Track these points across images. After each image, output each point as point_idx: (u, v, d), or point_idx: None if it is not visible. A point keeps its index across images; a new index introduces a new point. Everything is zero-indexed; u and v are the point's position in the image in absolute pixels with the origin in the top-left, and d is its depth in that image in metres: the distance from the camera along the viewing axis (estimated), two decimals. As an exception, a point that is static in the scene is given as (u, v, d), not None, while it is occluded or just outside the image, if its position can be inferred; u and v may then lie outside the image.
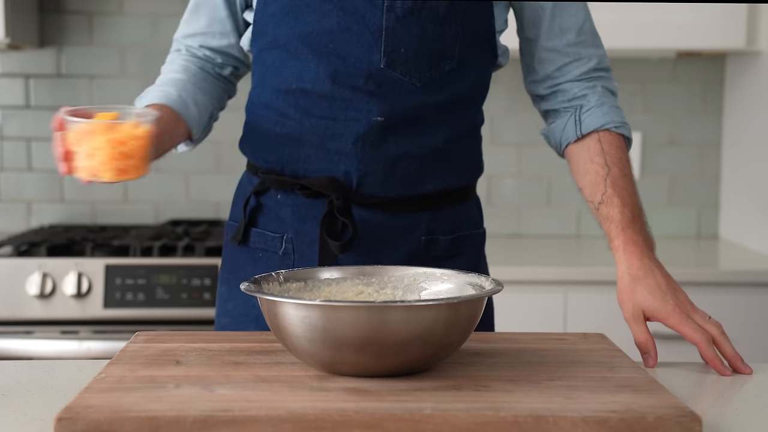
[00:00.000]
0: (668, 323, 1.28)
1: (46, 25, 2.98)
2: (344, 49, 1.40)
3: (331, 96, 1.42)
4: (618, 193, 1.40)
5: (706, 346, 1.25)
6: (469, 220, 1.54)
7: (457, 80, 1.45)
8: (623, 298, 1.33)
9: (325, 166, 1.44)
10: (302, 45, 1.42)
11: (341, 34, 1.40)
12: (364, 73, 1.40)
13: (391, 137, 1.43)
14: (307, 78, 1.42)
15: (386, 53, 1.39)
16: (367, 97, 1.41)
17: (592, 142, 1.46)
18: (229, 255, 1.56)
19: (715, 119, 3.06)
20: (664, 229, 3.07)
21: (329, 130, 1.43)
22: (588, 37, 1.51)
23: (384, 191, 1.45)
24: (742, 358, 1.26)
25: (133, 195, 3.04)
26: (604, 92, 1.51)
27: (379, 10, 1.39)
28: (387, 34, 1.39)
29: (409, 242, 1.47)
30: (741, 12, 2.66)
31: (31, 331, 2.42)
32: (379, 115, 1.41)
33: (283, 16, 1.43)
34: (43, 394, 1.11)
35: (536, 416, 0.94)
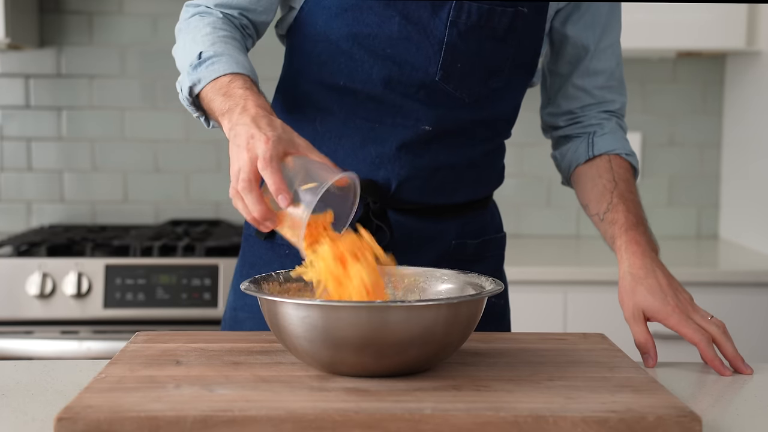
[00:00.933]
0: (668, 324, 1.28)
1: (46, 25, 2.98)
2: (402, 56, 1.39)
3: (381, 100, 1.40)
4: (623, 202, 1.42)
5: (705, 347, 1.25)
6: (493, 224, 1.57)
7: (502, 99, 1.47)
8: (624, 297, 1.33)
9: (364, 168, 1.42)
10: (357, 45, 1.39)
11: (401, 41, 1.38)
12: (418, 82, 1.39)
13: (434, 147, 1.43)
14: (358, 78, 1.40)
15: (443, 67, 1.39)
16: (417, 106, 1.40)
17: (602, 162, 1.49)
18: (251, 249, 1.53)
19: (715, 119, 3.06)
20: (664, 229, 3.07)
21: (373, 133, 1.42)
22: (616, 84, 1.54)
23: (420, 198, 1.45)
24: (743, 358, 1.26)
25: (133, 195, 3.04)
26: (617, 126, 1.54)
27: (443, 23, 1.37)
28: (447, 48, 1.38)
29: (440, 246, 1.48)
30: (741, 12, 2.66)
31: (31, 331, 2.42)
32: (427, 125, 1.41)
33: (339, 11, 1.39)
34: (43, 394, 1.11)
35: (536, 416, 0.94)
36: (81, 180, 3.03)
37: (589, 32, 1.50)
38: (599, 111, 1.54)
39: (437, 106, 1.41)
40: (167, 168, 3.04)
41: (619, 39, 1.54)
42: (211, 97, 1.27)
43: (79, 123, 3.01)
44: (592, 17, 1.49)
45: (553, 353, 1.19)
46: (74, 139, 3.02)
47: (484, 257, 1.53)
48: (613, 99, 1.54)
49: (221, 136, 2.96)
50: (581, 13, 1.49)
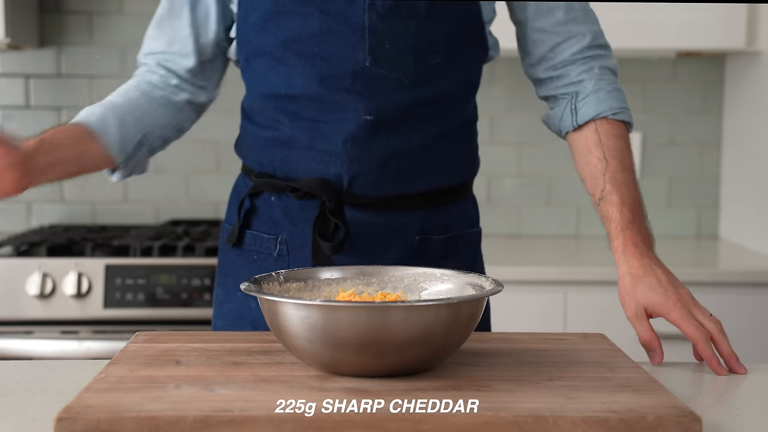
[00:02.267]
0: (670, 318, 1.28)
1: (46, 25, 2.98)
2: (329, 51, 1.40)
3: (319, 98, 1.42)
4: (617, 189, 1.39)
5: (704, 344, 1.25)
6: (465, 219, 1.54)
7: (445, 75, 1.44)
8: (625, 297, 1.33)
9: (315, 168, 1.43)
10: (287, 51, 1.42)
11: (324, 36, 1.40)
12: (350, 73, 1.40)
13: (381, 136, 1.42)
14: (296, 83, 1.42)
15: (371, 51, 1.39)
16: (354, 97, 1.41)
17: (589, 132, 1.44)
18: (225, 257, 1.56)
19: (715, 119, 3.06)
20: (664, 229, 3.07)
21: (318, 132, 1.43)
22: (579, 14, 1.48)
23: (376, 191, 1.44)
24: (738, 357, 1.26)
25: (133, 195, 3.04)
26: (602, 74, 1.48)
27: (361, 8, 1.38)
28: (370, 32, 1.39)
29: (402, 242, 1.47)
30: (741, 12, 2.66)
31: (31, 331, 2.42)
32: (367, 114, 1.41)
33: (264, 23, 1.43)
34: (43, 394, 1.11)
35: (536, 416, 0.94)
36: (81, 180, 3.02)
37: None
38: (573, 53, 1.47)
39: (375, 93, 1.41)
40: (167, 168, 3.04)
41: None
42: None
43: (79, 123, 3.01)
44: None
45: (553, 353, 1.19)
46: (74, 139, 3.01)
47: (454, 253, 1.51)
48: (581, 31, 1.47)
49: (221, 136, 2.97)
50: None
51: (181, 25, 1.51)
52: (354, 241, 1.44)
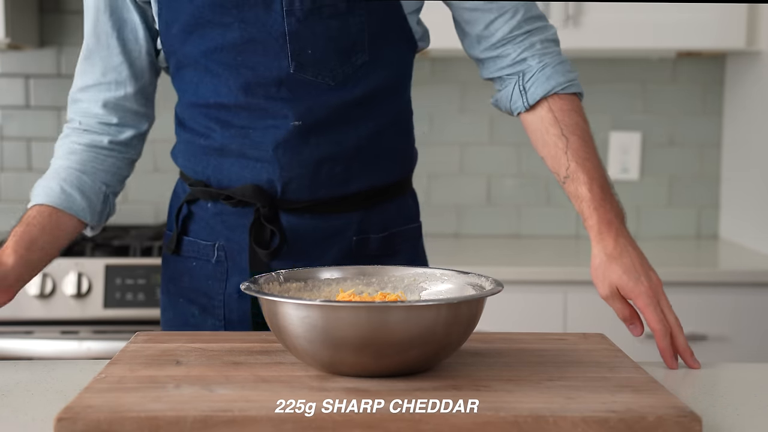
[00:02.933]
0: (637, 303, 1.29)
1: (46, 25, 2.98)
2: (252, 59, 1.39)
3: (247, 106, 1.41)
4: (582, 166, 1.37)
5: (662, 336, 1.26)
6: (403, 215, 1.53)
7: (373, 73, 1.43)
8: (598, 275, 1.33)
9: (248, 175, 1.43)
10: (211, 61, 1.41)
11: (246, 45, 1.38)
12: (275, 80, 1.39)
13: (311, 140, 1.41)
14: (223, 92, 1.42)
15: (294, 57, 1.38)
16: (281, 104, 1.40)
17: (543, 111, 1.42)
18: (166, 264, 1.57)
19: (715, 119, 3.06)
20: (664, 229, 3.07)
21: (248, 140, 1.42)
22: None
23: (310, 195, 1.44)
24: (692, 352, 1.27)
25: (133, 195, 3.04)
26: (544, 48, 1.44)
27: (279, 15, 1.37)
28: (291, 38, 1.37)
29: (339, 243, 1.46)
30: (741, 12, 2.66)
31: (31, 331, 2.42)
32: (295, 120, 1.40)
33: (186, 35, 1.41)
34: (43, 394, 1.11)
35: (536, 416, 0.94)
36: (81, 180, 3.03)
37: None
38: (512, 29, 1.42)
39: (303, 98, 1.40)
40: (167, 168, 3.04)
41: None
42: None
43: (79, 123, 3.01)
44: None
45: (553, 353, 1.19)
46: (74, 139, 3.02)
47: (394, 251, 1.51)
48: (514, 6, 1.42)
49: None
50: None
51: (111, 53, 1.46)
52: (290, 245, 1.44)
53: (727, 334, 2.42)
